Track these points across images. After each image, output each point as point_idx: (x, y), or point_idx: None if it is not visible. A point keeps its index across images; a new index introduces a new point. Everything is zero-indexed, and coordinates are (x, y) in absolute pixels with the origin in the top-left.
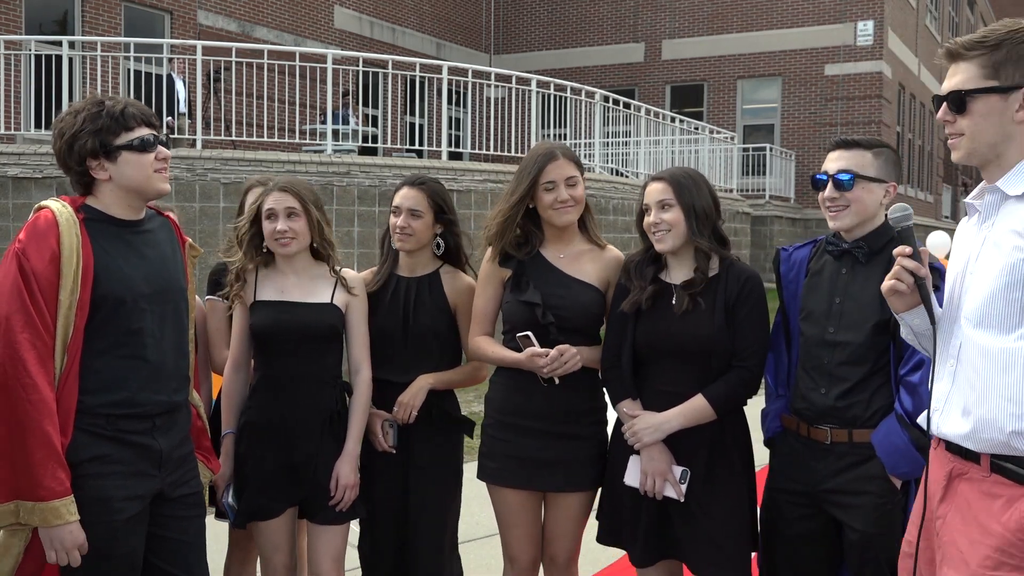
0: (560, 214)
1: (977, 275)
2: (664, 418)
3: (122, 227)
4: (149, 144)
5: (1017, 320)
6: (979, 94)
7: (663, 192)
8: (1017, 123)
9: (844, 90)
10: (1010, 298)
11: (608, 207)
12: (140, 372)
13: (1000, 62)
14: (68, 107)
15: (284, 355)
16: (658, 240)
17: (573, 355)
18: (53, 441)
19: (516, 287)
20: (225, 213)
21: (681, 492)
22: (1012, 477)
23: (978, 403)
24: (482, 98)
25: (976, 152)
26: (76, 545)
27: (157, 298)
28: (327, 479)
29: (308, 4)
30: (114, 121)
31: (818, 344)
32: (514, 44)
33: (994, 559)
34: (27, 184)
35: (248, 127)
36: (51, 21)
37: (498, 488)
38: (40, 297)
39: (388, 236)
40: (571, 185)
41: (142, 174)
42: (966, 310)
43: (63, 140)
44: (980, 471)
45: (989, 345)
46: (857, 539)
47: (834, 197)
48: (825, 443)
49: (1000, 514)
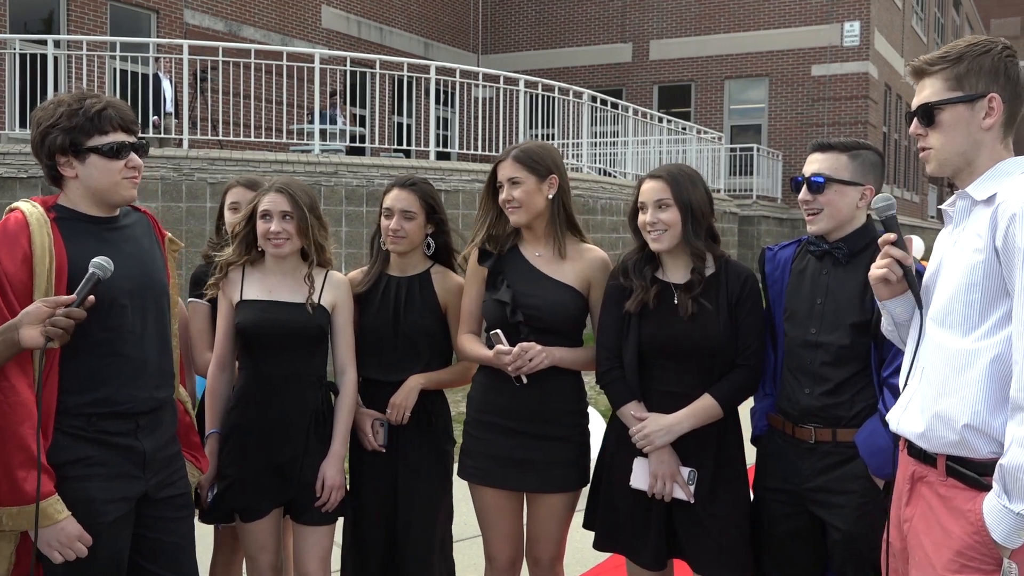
0: (510, 215)
1: (943, 277)
2: (675, 420)
3: (96, 224)
4: (120, 151)
5: (976, 321)
6: (945, 105)
7: (660, 191)
8: (984, 130)
9: (831, 91)
10: (969, 299)
11: (596, 207)
12: (121, 369)
13: (962, 74)
14: (53, 96)
15: (270, 355)
16: (654, 240)
17: (538, 352)
18: (31, 443)
19: (491, 285)
20: (212, 213)
21: (691, 493)
22: (966, 481)
23: (934, 402)
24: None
25: (947, 162)
26: (75, 539)
27: (136, 294)
28: (313, 480)
29: (295, 4)
30: (88, 121)
31: (801, 345)
32: (502, 44)
33: (957, 562)
34: (12, 184)
35: (235, 127)
36: (36, 20)
37: (477, 487)
38: (13, 298)
39: (377, 237)
40: (513, 185)
41: (108, 180)
42: (931, 311)
43: (38, 130)
44: (937, 474)
45: (948, 345)
46: (840, 538)
47: (807, 200)
48: (809, 442)
49: (959, 516)
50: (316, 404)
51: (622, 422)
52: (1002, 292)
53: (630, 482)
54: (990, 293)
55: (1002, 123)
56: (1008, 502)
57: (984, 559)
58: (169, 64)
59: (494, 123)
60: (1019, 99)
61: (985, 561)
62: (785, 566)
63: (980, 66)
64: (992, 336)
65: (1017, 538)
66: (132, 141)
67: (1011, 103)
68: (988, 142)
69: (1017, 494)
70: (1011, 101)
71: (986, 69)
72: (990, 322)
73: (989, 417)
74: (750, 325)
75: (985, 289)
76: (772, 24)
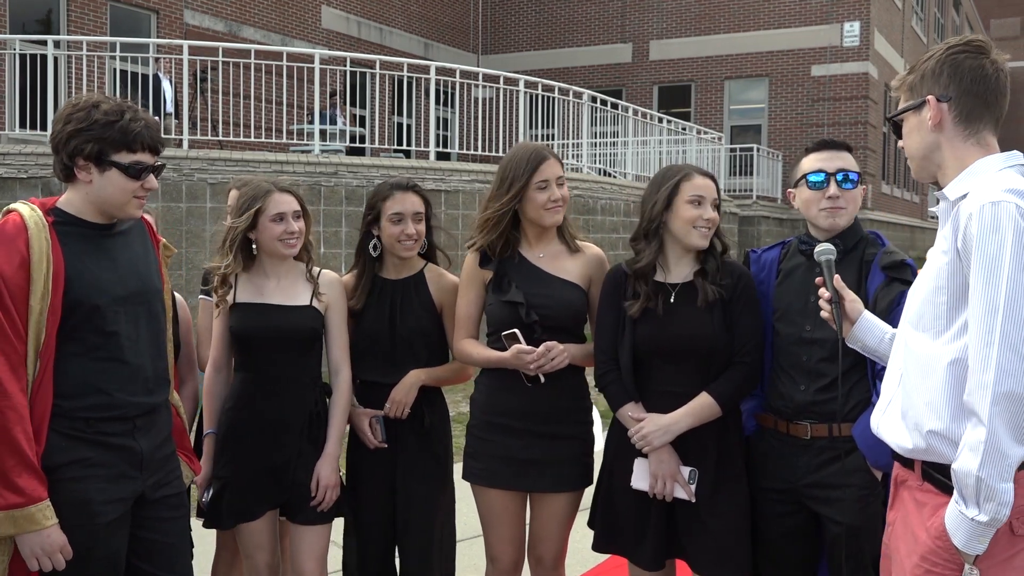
0: (552, 214)
1: (919, 279)
2: (672, 419)
3: (93, 230)
4: (142, 173)
5: (944, 324)
6: (900, 115)
7: (715, 191)
8: (932, 131)
9: (831, 91)
10: (936, 302)
11: (596, 207)
12: (118, 374)
13: (913, 83)
14: (92, 96)
15: (263, 357)
16: (703, 237)
17: (560, 351)
18: (25, 448)
19: (498, 288)
20: (212, 213)
21: (691, 492)
22: (938, 486)
23: (908, 407)
24: (470, 98)
25: (920, 168)
26: (57, 548)
27: (131, 300)
28: (308, 480)
29: (295, 4)
30: (122, 137)
31: (795, 342)
32: (502, 44)
33: (921, 567)
34: (12, 184)
35: (235, 127)
36: (35, 20)
37: (482, 488)
38: (10, 303)
39: (367, 242)
40: (560, 184)
41: (121, 198)
42: (907, 314)
43: (65, 127)
44: (915, 479)
45: (919, 350)
46: (840, 532)
47: (837, 196)
48: (805, 439)
49: (926, 521)
50: (311, 405)
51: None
52: (966, 295)
53: (631, 483)
54: (955, 296)
55: (956, 120)
56: (964, 508)
57: (947, 564)
58: (169, 64)
59: (494, 123)
60: (971, 93)
61: (947, 567)
62: (780, 565)
63: (923, 72)
64: (957, 340)
65: (977, 544)
66: (153, 163)
67: (960, 99)
68: (945, 142)
69: (971, 500)
70: (960, 97)
71: (928, 73)
72: (956, 325)
73: (952, 423)
74: (746, 323)
75: (951, 292)
76: (772, 24)
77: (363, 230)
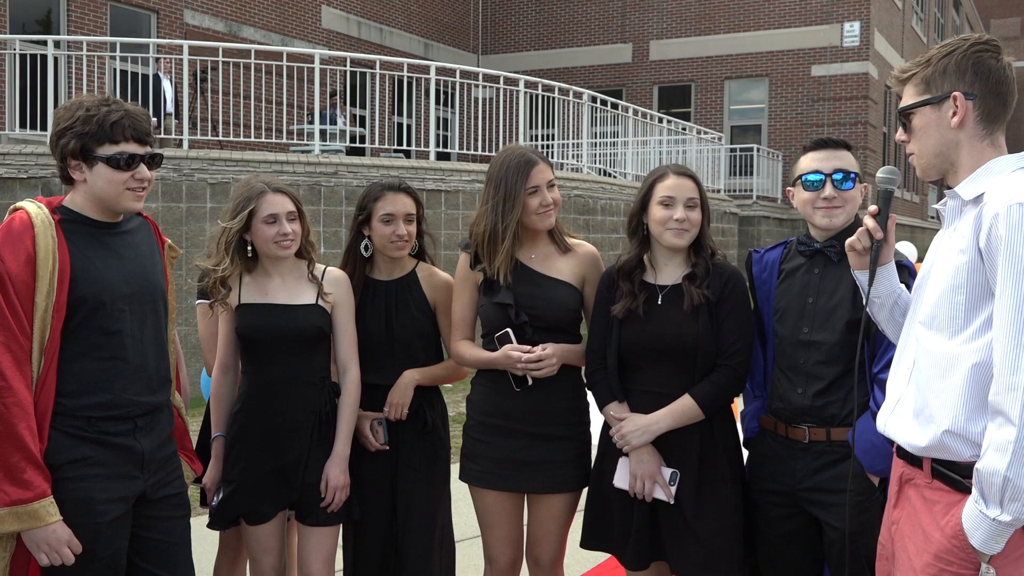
0: (543, 218)
1: (932, 278)
2: (652, 419)
3: (99, 228)
4: (128, 162)
5: (961, 324)
6: (914, 109)
7: (692, 190)
8: (955, 129)
9: (831, 91)
10: (954, 301)
11: (596, 207)
12: (121, 373)
13: (930, 77)
14: (81, 97)
15: (271, 358)
16: (677, 236)
17: (551, 360)
18: (29, 444)
19: (489, 289)
20: (212, 214)
21: (671, 494)
22: (950, 483)
23: (920, 405)
24: (470, 98)
25: (930, 166)
26: (64, 543)
27: (135, 299)
28: (317, 481)
29: (295, 4)
30: (101, 129)
31: (793, 344)
32: (502, 44)
33: (935, 566)
34: (12, 184)
35: (235, 127)
36: (35, 20)
37: (479, 490)
38: (16, 299)
39: (358, 243)
40: (551, 188)
41: (112, 190)
42: (920, 314)
43: (56, 129)
44: (923, 477)
45: (935, 348)
46: (837, 537)
47: (833, 196)
48: (803, 442)
49: (939, 520)
50: (319, 405)
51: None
52: (986, 294)
53: (613, 481)
54: (974, 295)
55: (977, 120)
56: (985, 508)
57: (962, 563)
58: (169, 64)
59: (494, 123)
60: (995, 94)
61: (963, 565)
62: (781, 568)
63: (945, 66)
64: (976, 339)
65: (995, 544)
66: (142, 153)
67: (984, 98)
68: (965, 141)
69: (993, 500)
70: (984, 96)
71: (951, 68)
72: (975, 325)
73: (967, 423)
74: (732, 324)
75: (969, 291)
76: (772, 24)
77: (354, 230)
